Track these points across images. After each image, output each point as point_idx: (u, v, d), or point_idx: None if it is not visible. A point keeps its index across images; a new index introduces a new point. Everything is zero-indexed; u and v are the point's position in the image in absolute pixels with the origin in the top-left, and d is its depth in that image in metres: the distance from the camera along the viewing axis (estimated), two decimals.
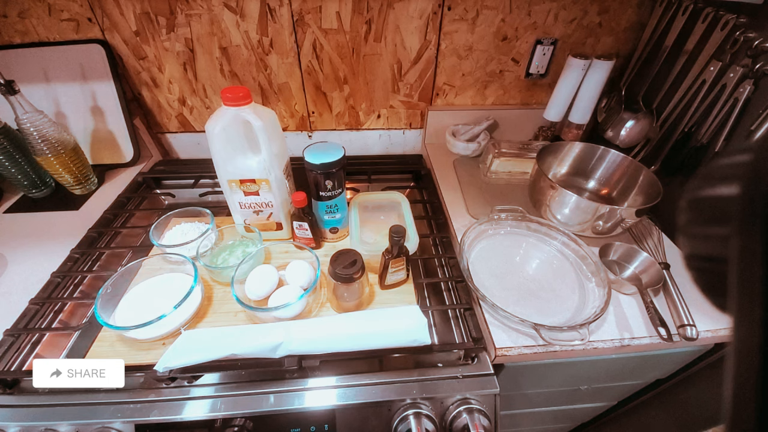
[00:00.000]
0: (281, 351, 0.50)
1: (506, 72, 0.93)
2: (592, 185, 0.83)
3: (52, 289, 0.62)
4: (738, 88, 0.63)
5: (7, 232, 0.74)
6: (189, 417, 0.48)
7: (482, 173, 0.90)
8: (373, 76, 0.90)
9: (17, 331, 0.55)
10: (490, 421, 0.50)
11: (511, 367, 0.61)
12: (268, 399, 0.50)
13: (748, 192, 0.16)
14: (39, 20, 0.76)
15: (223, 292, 0.63)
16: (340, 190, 0.66)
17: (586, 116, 0.88)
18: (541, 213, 0.74)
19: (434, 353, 0.55)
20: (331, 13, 0.79)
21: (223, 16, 0.78)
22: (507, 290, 0.63)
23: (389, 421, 0.50)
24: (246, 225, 0.68)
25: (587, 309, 0.59)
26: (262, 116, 0.57)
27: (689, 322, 0.54)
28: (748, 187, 0.16)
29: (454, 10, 0.81)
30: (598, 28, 0.86)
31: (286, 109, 0.95)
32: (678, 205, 0.22)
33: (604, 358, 0.62)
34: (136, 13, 0.77)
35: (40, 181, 0.81)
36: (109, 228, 0.75)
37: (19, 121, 0.69)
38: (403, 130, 1.02)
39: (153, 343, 0.55)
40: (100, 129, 0.87)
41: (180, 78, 0.87)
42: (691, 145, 0.72)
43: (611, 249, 0.68)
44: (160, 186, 0.92)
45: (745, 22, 0.63)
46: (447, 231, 0.77)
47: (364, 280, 0.58)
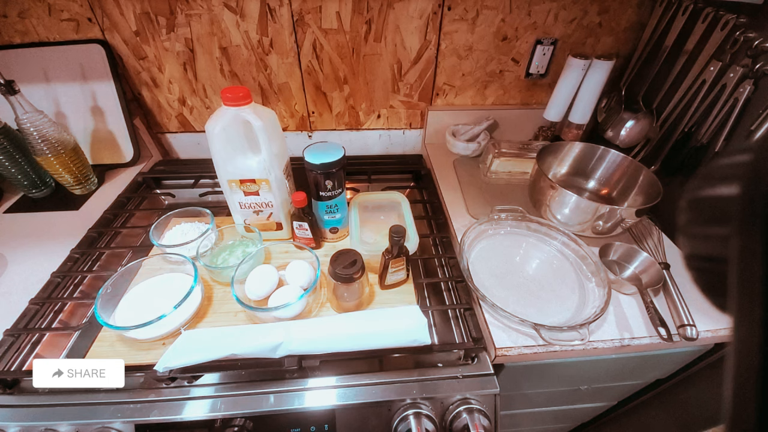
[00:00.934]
0: (281, 351, 0.50)
1: (506, 72, 0.93)
2: (592, 185, 0.83)
3: (52, 289, 0.62)
4: (738, 88, 0.63)
5: (7, 232, 0.74)
6: (189, 417, 0.48)
7: (482, 173, 0.90)
8: (373, 76, 0.90)
9: (17, 331, 0.55)
10: (490, 421, 0.50)
11: (511, 367, 0.61)
12: (268, 399, 0.50)
13: (748, 192, 0.16)
14: (39, 20, 0.76)
15: (223, 292, 0.63)
16: (340, 190, 0.66)
17: (586, 116, 0.88)
18: (541, 213, 0.74)
19: (434, 353, 0.55)
20: (331, 13, 0.79)
21: (223, 16, 0.78)
22: (507, 290, 0.63)
23: (389, 421, 0.50)
24: (246, 225, 0.68)
25: (587, 309, 0.59)
26: (262, 116, 0.57)
27: (689, 322, 0.54)
28: (748, 187, 0.16)
29: (454, 10, 0.81)
30: (598, 28, 0.86)
31: (286, 109, 0.95)
32: (678, 205, 0.22)
33: (604, 358, 0.61)
34: (136, 13, 0.77)
35: (40, 181, 0.81)
36: (109, 228, 0.75)
37: (19, 121, 0.69)
38: (403, 130, 1.02)
39: (153, 343, 0.55)
40: (100, 129, 0.87)
41: (180, 78, 0.87)
42: (691, 145, 0.72)
43: (611, 249, 0.68)
44: (160, 186, 0.92)
45: (745, 22, 0.63)
46: (447, 231, 0.77)
47: (364, 280, 0.58)
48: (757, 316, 0.14)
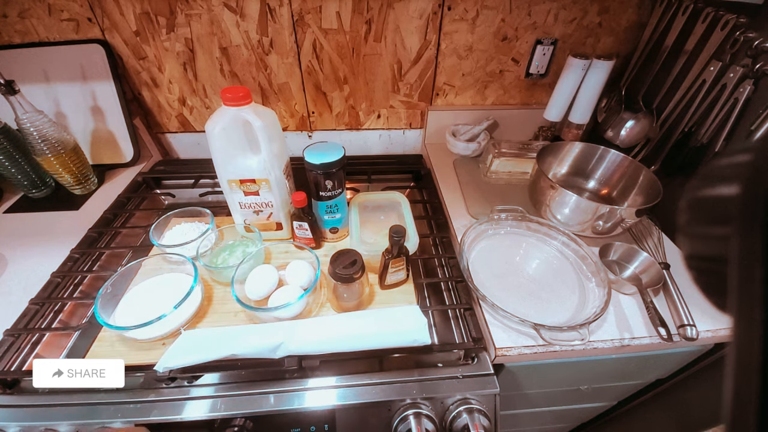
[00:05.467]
0: (281, 351, 0.50)
1: (506, 72, 0.93)
2: (592, 185, 0.83)
3: (52, 289, 0.62)
4: (738, 88, 0.63)
5: (7, 232, 0.74)
6: (189, 417, 0.48)
7: (482, 173, 0.90)
8: (373, 76, 0.90)
9: (17, 331, 0.55)
10: (490, 421, 0.50)
11: (511, 367, 0.61)
12: (268, 399, 0.50)
13: (748, 192, 0.16)
14: (39, 20, 0.76)
15: (223, 292, 0.63)
16: (340, 190, 0.66)
17: (586, 116, 0.88)
18: (541, 213, 0.74)
19: (434, 353, 0.55)
20: (331, 13, 0.79)
21: (223, 16, 0.78)
22: (507, 290, 0.63)
23: (389, 421, 0.50)
24: (246, 225, 0.68)
25: (587, 309, 0.59)
26: (262, 116, 0.57)
27: (689, 322, 0.54)
28: (748, 187, 0.16)
29: (454, 10, 0.81)
30: (598, 28, 0.86)
31: (286, 109, 0.95)
32: (678, 205, 0.22)
33: (604, 358, 0.61)
34: (136, 13, 0.77)
35: (40, 181, 0.81)
36: (109, 228, 0.75)
37: (19, 121, 0.69)
38: (403, 130, 1.02)
39: (153, 343, 0.55)
40: (100, 129, 0.87)
41: (180, 78, 0.87)
42: (691, 145, 0.72)
43: (611, 249, 0.68)
44: (160, 186, 0.92)
45: (745, 22, 0.63)
46: (447, 231, 0.76)
47: (364, 280, 0.58)
48: (757, 316, 0.14)
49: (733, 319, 0.15)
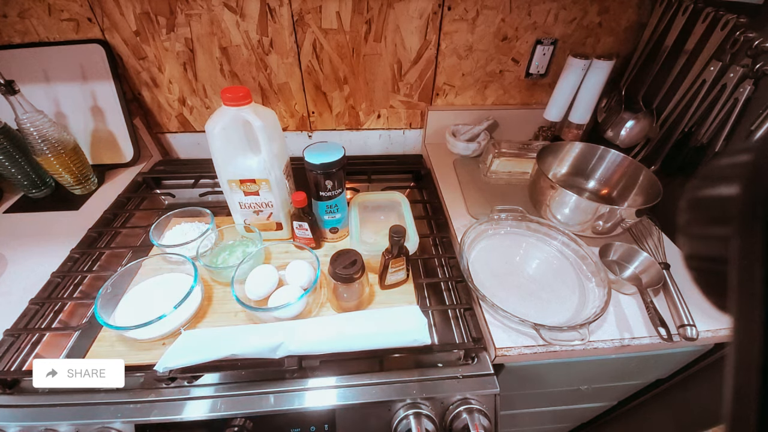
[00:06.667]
0: (281, 351, 0.50)
1: (506, 72, 0.93)
2: (592, 185, 0.83)
3: (52, 289, 0.62)
4: (738, 88, 0.63)
5: (7, 232, 0.74)
6: (189, 417, 0.48)
7: (482, 173, 0.90)
8: (373, 76, 0.90)
9: (17, 331, 0.55)
10: (490, 421, 0.50)
11: (511, 367, 0.61)
12: (268, 399, 0.50)
13: (748, 192, 0.16)
14: (39, 20, 0.76)
15: (223, 292, 0.63)
16: (340, 190, 0.66)
17: (586, 116, 0.88)
18: (541, 213, 0.74)
19: (434, 353, 0.55)
20: (331, 13, 0.79)
21: (223, 16, 0.78)
22: (507, 290, 0.63)
23: (389, 421, 0.50)
24: (246, 225, 0.68)
25: (587, 309, 0.59)
26: (262, 116, 0.57)
27: (689, 322, 0.54)
28: (748, 187, 0.16)
29: (454, 10, 0.81)
30: (598, 28, 0.86)
31: (286, 109, 0.95)
32: (678, 205, 0.21)
33: (604, 358, 0.61)
34: (136, 13, 0.77)
35: (40, 181, 0.81)
36: (109, 228, 0.75)
37: (19, 121, 0.69)
38: (403, 130, 1.02)
39: (153, 343, 0.55)
40: (100, 129, 0.87)
41: (180, 78, 0.87)
42: (691, 145, 0.72)
43: (611, 249, 0.68)
44: (160, 186, 0.92)
45: (745, 22, 0.63)
46: (447, 231, 0.76)
47: (364, 280, 0.58)
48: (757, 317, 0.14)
49: (733, 319, 0.15)
